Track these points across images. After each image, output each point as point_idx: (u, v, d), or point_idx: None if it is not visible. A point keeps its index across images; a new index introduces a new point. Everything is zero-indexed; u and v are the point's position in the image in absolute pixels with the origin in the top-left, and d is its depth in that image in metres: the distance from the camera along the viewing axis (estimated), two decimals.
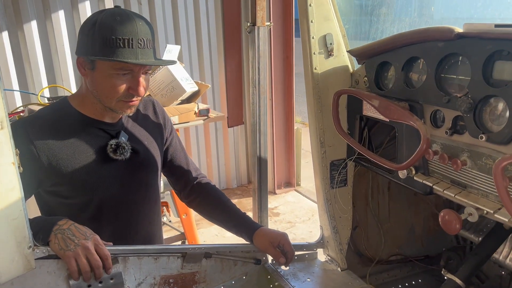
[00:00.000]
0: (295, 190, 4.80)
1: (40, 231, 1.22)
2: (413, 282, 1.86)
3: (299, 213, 4.30)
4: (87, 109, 1.44)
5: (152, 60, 1.37)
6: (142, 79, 1.36)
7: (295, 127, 4.73)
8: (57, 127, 1.41)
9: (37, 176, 1.37)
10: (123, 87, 1.35)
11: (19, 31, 3.40)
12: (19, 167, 1.07)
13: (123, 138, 1.47)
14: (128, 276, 1.35)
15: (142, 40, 1.31)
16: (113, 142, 1.44)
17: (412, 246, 1.93)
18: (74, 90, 3.66)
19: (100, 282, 1.30)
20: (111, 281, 1.32)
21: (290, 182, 4.85)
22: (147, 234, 1.64)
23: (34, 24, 3.42)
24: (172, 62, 1.49)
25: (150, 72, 1.42)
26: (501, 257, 1.54)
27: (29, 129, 1.36)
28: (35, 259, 1.16)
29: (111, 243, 1.33)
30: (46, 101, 2.60)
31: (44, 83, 3.56)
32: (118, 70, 1.32)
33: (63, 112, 1.44)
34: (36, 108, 2.47)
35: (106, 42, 1.28)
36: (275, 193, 4.70)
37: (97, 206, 1.47)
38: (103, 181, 1.46)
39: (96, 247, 1.25)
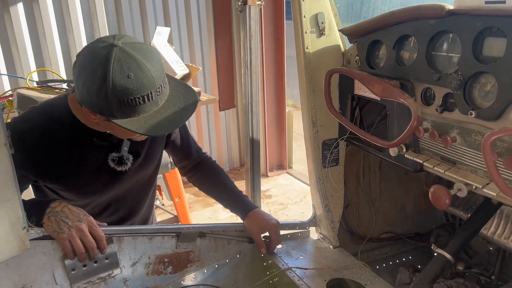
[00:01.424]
0: (287, 172, 4.83)
1: (33, 214, 1.22)
2: (404, 259, 1.90)
3: (291, 195, 4.34)
4: (87, 120, 1.32)
5: (173, 108, 1.24)
6: None
7: (286, 110, 4.73)
8: (57, 139, 1.33)
9: (35, 180, 1.36)
10: None
11: (6, 14, 3.33)
12: (10, 147, 1.06)
13: (125, 148, 1.42)
14: (123, 256, 1.37)
15: (160, 87, 1.20)
16: (115, 156, 1.40)
17: (403, 224, 1.96)
18: (63, 73, 3.61)
19: (95, 262, 1.31)
20: (106, 260, 1.33)
21: (282, 164, 4.88)
22: (143, 219, 1.67)
23: (20, 6, 3.35)
24: (195, 100, 1.29)
25: None
26: (489, 233, 1.57)
27: (27, 140, 1.29)
28: (30, 240, 1.16)
29: (105, 224, 1.34)
30: (35, 85, 2.57)
31: (33, 66, 3.51)
32: None
33: (62, 122, 1.34)
34: (25, 92, 2.44)
35: (125, 104, 1.15)
36: (267, 176, 4.72)
37: (98, 206, 1.48)
38: (105, 188, 1.46)
39: (90, 229, 1.26)
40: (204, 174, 1.74)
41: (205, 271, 1.54)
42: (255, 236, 1.58)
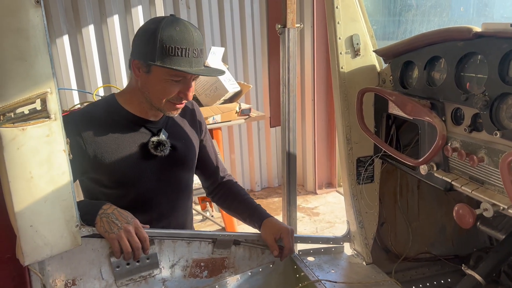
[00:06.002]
0: (336, 190, 4.81)
1: (87, 214, 1.35)
2: (442, 281, 1.86)
3: (339, 214, 4.31)
4: (132, 107, 1.57)
5: (205, 70, 1.52)
6: (191, 85, 1.51)
7: None
8: (104, 122, 1.54)
9: (82, 165, 1.51)
10: (175, 91, 1.49)
11: (78, 35, 3.67)
12: (69, 154, 1.21)
13: (163, 136, 1.59)
14: (163, 257, 1.47)
15: (197, 50, 1.44)
16: (154, 139, 1.57)
17: (442, 245, 1.93)
18: None
19: (138, 261, 1.43)
20: (148, 260, 1.45)
21: (331, 182, 4.87)
22: (178, 227, 1.74)
23: (91, 28, 3.68)
24: (222, 73, 1.59)
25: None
26: None
27: (78, 123, 1.51)
28: (81, 237, 1.29)
29: (148, 226, 1.46)
30: None
31: (99, 82, 3.82)
32: (173, 77, 1.45)
33: (110, 109, 1.58)
34: None
35: (165, 51, 1.39)
36: (316, 193, 4.73)
37: (134, 198, 1.59)
38: (142, 175, 1.58)
39: (136, 230, 1.37)
40: (226, 191, 1.80)
41: (239, 277, 1.61)
42: (267, 239, 1.59)
